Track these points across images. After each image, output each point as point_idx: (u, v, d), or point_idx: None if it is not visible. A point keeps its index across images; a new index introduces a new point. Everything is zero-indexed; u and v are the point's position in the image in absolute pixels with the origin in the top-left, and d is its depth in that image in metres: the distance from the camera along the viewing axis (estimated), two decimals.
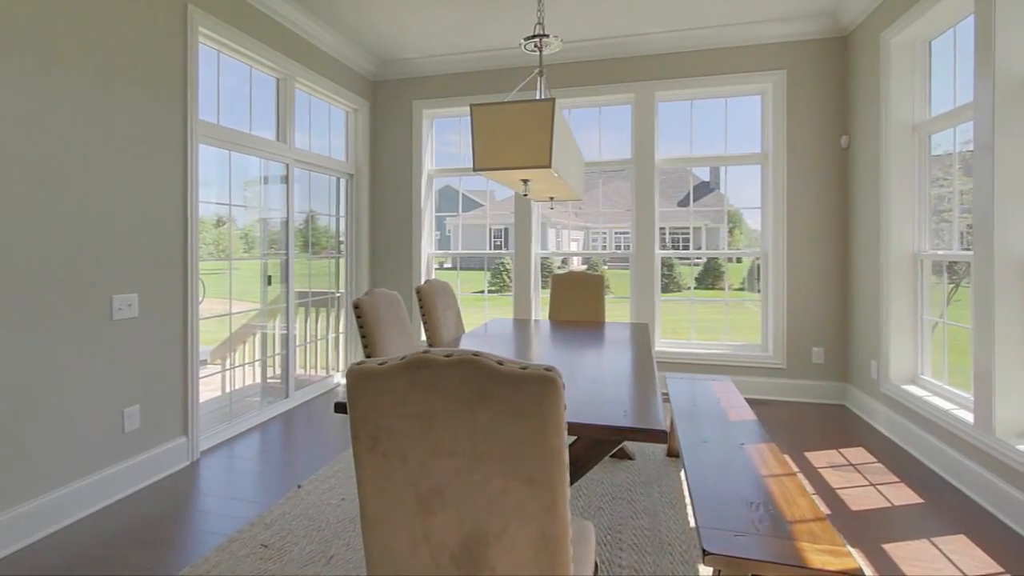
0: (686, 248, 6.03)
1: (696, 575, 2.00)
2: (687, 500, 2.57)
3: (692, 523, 2.37)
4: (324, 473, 2.90)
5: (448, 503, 0.93)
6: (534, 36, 2.18)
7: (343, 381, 4.75)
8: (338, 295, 4.82)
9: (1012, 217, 2.39)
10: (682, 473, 2.88)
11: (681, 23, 4.06)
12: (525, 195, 1.98)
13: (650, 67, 4.37)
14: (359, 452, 0.94)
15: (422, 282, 4.90)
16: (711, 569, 2.03)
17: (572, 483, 1.33)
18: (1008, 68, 2.36)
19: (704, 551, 1.35)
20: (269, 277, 3.91)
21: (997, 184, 2.39)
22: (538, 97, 2.23)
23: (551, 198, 2.65)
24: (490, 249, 5.08)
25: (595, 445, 1.58)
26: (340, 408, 1.59)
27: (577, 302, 3.69)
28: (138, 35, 2.69)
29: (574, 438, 1.44)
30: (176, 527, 2.38)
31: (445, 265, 4.90)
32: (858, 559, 1.99)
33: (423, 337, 4.76)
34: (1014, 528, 2.30)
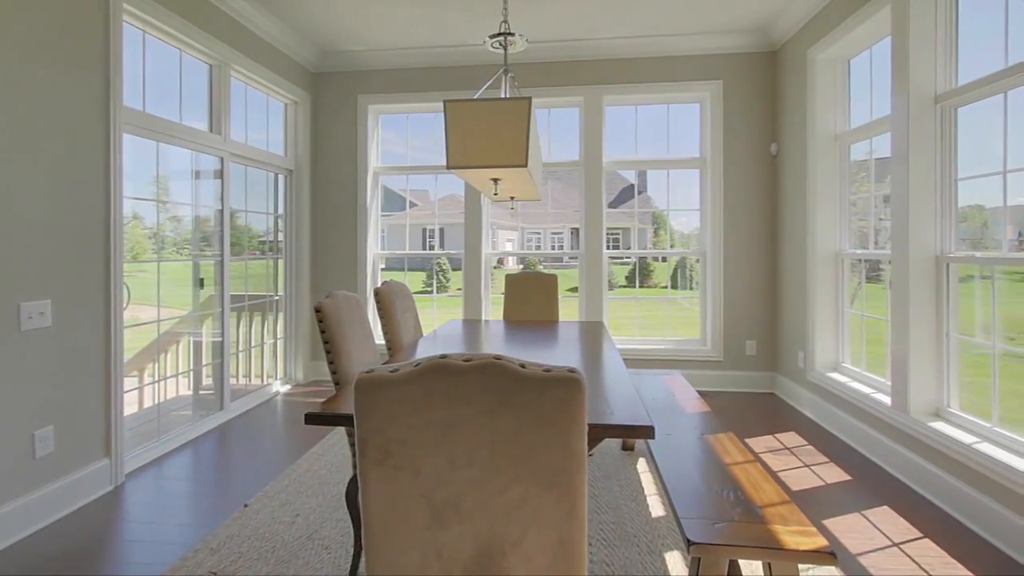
0: (616, 248, 6.26)
1: (663, 564, 2.08)
2: (646, 493, 2.66)
3: (654, 515, 2.45)
4: (273, 489, 2.71)
5: (464, 515, 0.89)
6: (499, 34, 2.16)
7: (283, 389, 4.49)
8: (276, 298, 4.55)
9: (924, 220, 2.67)
10: (638, 466, 2.98)
11: (628, 30, 4.19)
12: (495, 195, 1.96)
13: (599, 71, 4.48)
14: (367, 467, 0.88)
15: (365, 283, 4.73)
16: (678, 558, 2.11)
17: None
18: (921, 86, 2.64)
19: (689, 541, 1.39)
20: (201, 280, 3.61)
21: (911, 190, 2.67)
22: (504, 96, 2.22)
23: (512, 197, 2.64)
24: (425, 249, 4.99)
25: None
26: (313, 419, 1.49)
27: (531, 302, 3.71)
28: (52, 9, 2.38)
29: None
30: (102, 561, 2.13)
31: (379, 266, 4.79)
32: None
33: (380, 340, 4.60)
34: (928, 497, 2.58)
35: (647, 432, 1.34)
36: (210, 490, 2.73)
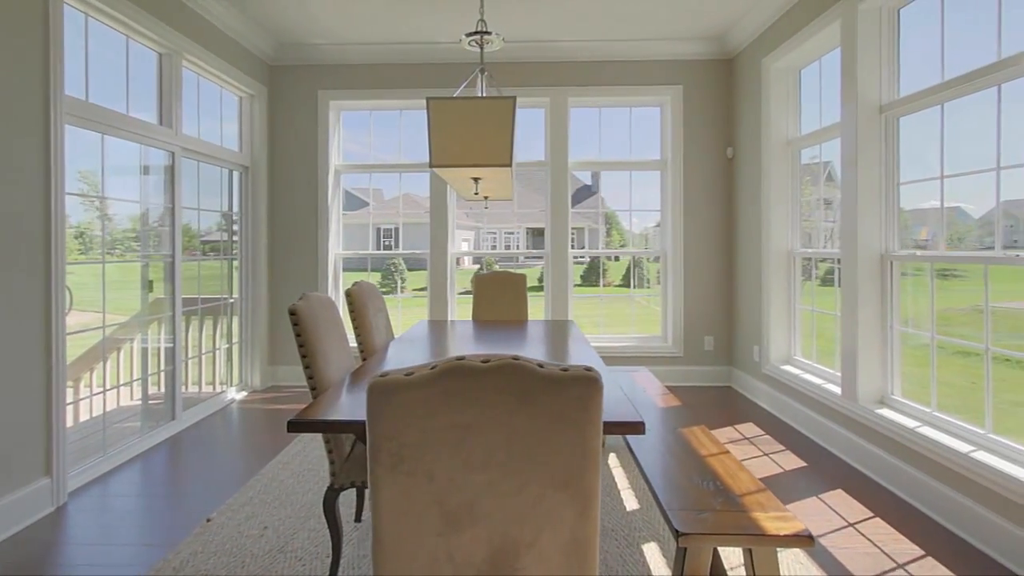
0: (571, 247, 6.34)
1: (642, 556, 2.13)
2: (619, 487, 2.72)
3: (628, 508, 2.51)
4: (237, 501, 2.59)
5: (478, 518, 0.88)
6: (476, 33, 2.14)
7: (239, 396, 4.29)
8: (231, 301, 4.34)
9: (871, 221, 2.87)
10: (610, 461, 3.04)
11: (593, 34, 4.26)
12: (476, 194, 1.95)
13: (564, 73, 4.54)
14: (378, 473, 0.86)
15: (327, 284, 4.59)
16: (655, 549, 2.17)
17: None
18: (867, 96, 2.83)
19: (678, 532, 1.44)
20: (150, 282, 3.39)
21: (860, 193, 2.86)
22: (480, 95, 2.21)
23: (486, 197, 2.64)
24: (380, 249, 4.90)
25: None
26: (296, 427, 1.44)
27: (500, 301, 3.71)
28: None
29: None
30: None
31: (340, 267, 4.67)
32: None
33: (353, 343, 4.45)
34: (877, 480, 2.77)
35: (638, 428, 1.37)
36: (166, 506, 2.57)
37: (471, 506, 0.88)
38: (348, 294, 2.48)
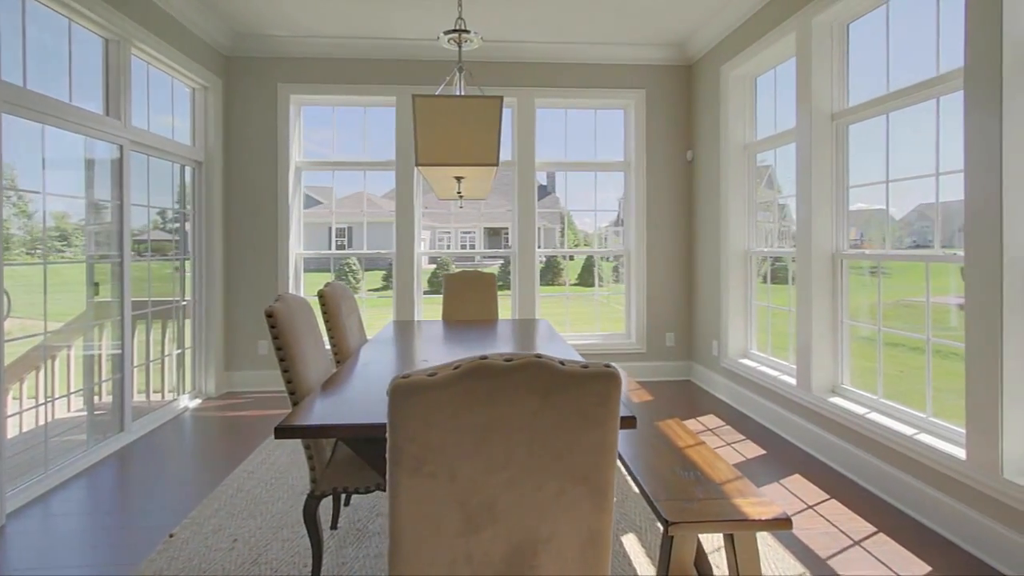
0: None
1: (622, 546, 2.19)
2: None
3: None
4: (200, 514, 2.46)
5: (498, 516, 0.89)
6: (454, 31, 2.13)
7: (193, 404, 4.07)
8: (184, 303, 4.11)
9: (823, 222, 3.06)
10: None
11: (559, 36, 4.31)
12: (459, 193, 1.93)
13: (531, 74, 4.57)
14: (399, 477, 0.85)
15: (287, 286, 4.43)
16: (634, 540, 2.24)
17: None
18: (820, 105, 3.02)
19: (667, 521, 1.49)
20: (96, 284, 3.16)
21: (813, 196, 3.04)
22: (458, 94, 2.20)
23: (460, 195, 2.62)
24: (331, 249, 4.80)
25: None
26: (284, 433, 1.39)
27: (471, 301, 3.70)
28: None
29: None
30: None
31: (301, 267, 4.54)
32: None
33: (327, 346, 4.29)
34: (830, 464, 2.95)
35: (631, 422, 1.41)
36: (120, 524, 2.41)
37: (491, 505, 0.88)
38: (321, 295, 2.41)
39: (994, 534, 2.01)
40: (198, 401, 4.17)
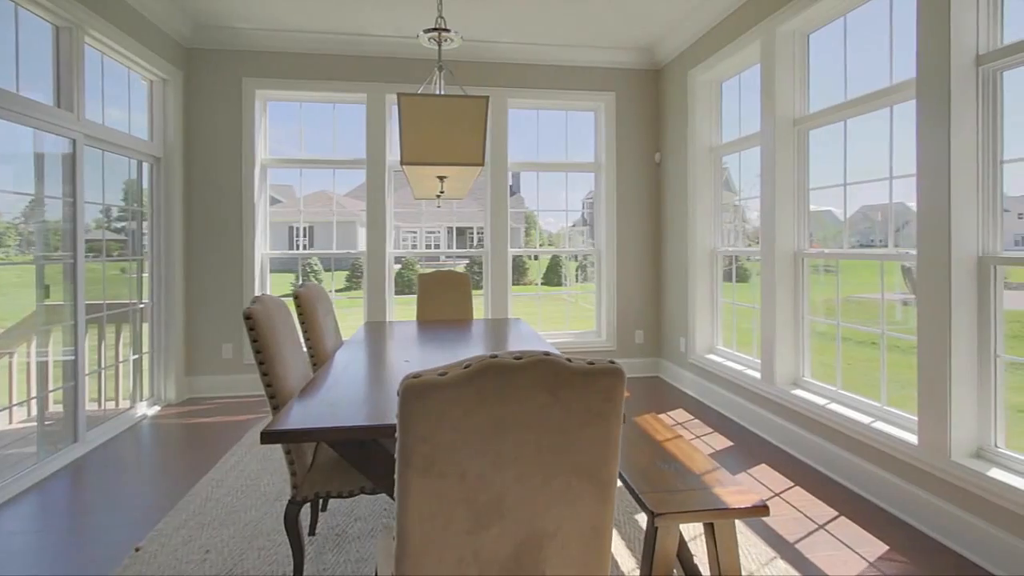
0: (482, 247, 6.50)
1: None
2: None
3: None
4: (168, 526, 2.36)
5: (505, 513, 0.90)
6: (434, 30, 2.11)
7: (151, 412, 3.89)
8: (141, 306, 3.92)
9: (786, 222, 3.20)
10: None
11: (532, 37, 4.34)
12: (441, 193, 1.93)
13: (503, 75, 4.58)
14: (409, 478, 0.85)
15: (253, 287, 4.30)
16: (613, 533, 2.29)
17: None
18: (783, 111, 3.16)
19: (653, 512, 1.54)
20: (47, 286, 2.98)
21: (777, 197, 3.18)
22: (437, 93, 2.18)
23: (437, 195, 2.61)
24: (292, 248, 4.70)
25: None
26: (269, 438, 1.35)
27: (446, 301, 3.68)
28: None
29: None
30: None
31: (268, 268, 4.41)
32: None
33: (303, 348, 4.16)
34: (794, 454, 3.10)
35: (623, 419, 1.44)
36: (80, 541, 2.28)
37: (499, 501, 0.89)
38: (297, 296, 2.35)
39: (943, 512, 2.17)
40: (157, 408, 3.98)
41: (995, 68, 2.07)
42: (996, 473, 1.99)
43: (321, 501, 2.43)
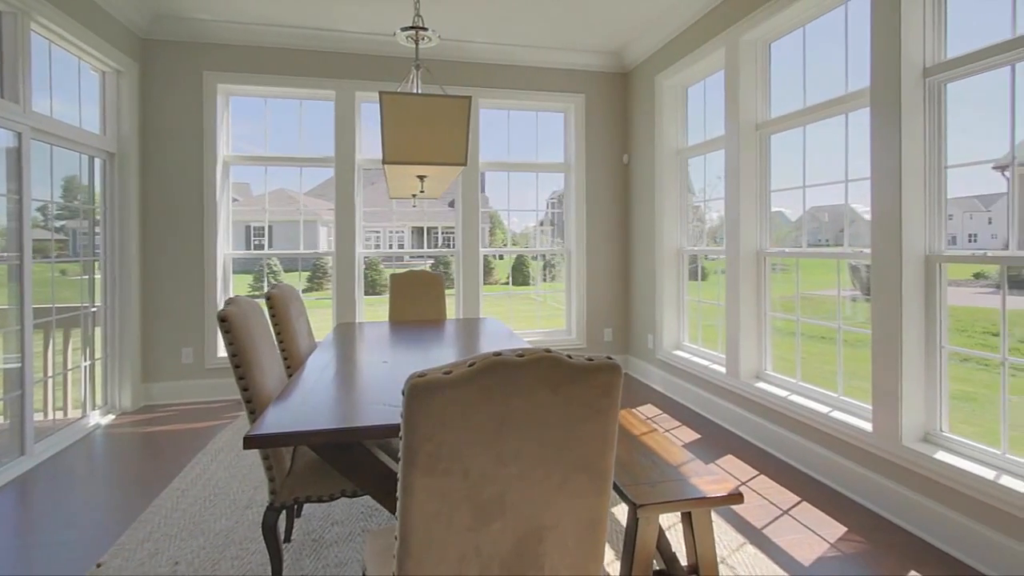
0: (451, 246, 6.51)
1: None
2: None
3: None
4: (131, 539, 2.26)
5: (507, 509, 0.92)
6: (412, 28, 2.10)
7: (105, 421, 3.70)
8: (93, 310, 3.72)
9: (749, 223, 3.34)
10: None
11: (503, 38, 4.35)
12: (421, 192, 1.92)
13: (475, 74, 4.57)
14: (414, 478, 0.85)
15: (215, 288, 4.14)
16: None
17: None
18: (746, 116, 3.30)
19: (635, 505, 1.58)
20: None
21: (741, 199, 3.31)
22: (415, 91, 2.17)
23: (414, 195, 2.59)
24: (250, 248, 4.58)
25: None
26: (252, 443, 1.32)
27: (419, 301, 3.66)
28: None
29: None
30: None
31: (231, 269, 4.26)
32: None
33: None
34: (758, 444, 3.24)
35: None
36: (32, 559, 2.15)
37: (501, 497, 0.91)
38: (270, 297, 2.29)
39: (896, 494, 2.32)
40: (111, 417, 3.79)
41: (940, 80, 2.24)
42: (942, 456, 2.15)
43: (296, 507, 2.38)
